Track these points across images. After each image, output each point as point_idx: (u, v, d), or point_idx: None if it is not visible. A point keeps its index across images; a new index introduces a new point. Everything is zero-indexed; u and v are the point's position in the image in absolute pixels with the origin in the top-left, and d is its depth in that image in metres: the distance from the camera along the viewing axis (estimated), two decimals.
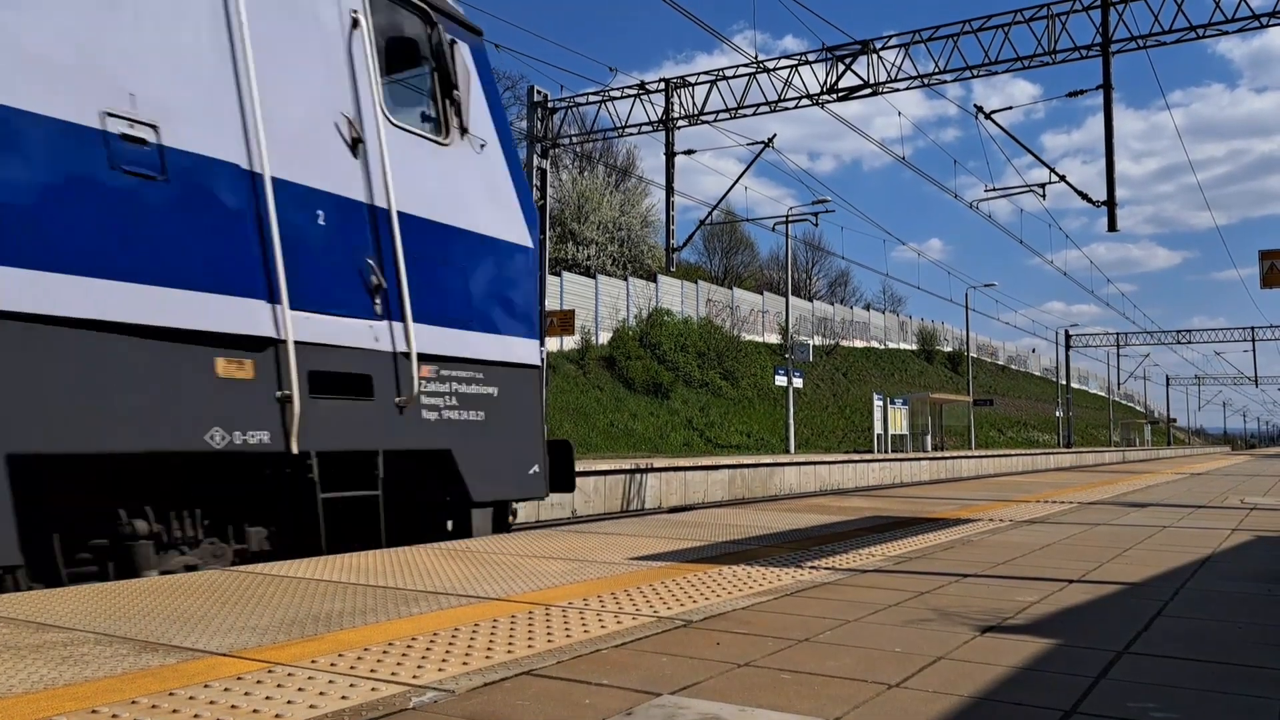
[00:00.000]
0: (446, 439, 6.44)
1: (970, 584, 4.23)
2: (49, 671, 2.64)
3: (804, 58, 20.97)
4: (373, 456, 5.97)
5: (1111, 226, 18.07)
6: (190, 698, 2.39)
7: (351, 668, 2.70)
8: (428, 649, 2.93)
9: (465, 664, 2.74)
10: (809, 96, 20.85)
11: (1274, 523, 7.00)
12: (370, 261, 5.90)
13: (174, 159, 4.87)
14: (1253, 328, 60.17)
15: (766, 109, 21.37)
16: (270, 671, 2.65)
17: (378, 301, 5.94)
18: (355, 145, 5.90)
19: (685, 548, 5.49)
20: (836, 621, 3.40)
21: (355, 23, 6.07)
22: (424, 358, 6.21)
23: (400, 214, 6.12)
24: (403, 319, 6.07)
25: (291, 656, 2.83)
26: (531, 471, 7.34)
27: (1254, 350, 62.95)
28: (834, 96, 20.57)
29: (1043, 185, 23.36)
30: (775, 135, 24.15)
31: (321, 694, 2.43)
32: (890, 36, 20.21)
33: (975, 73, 19.61)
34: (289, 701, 2.36)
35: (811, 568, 4.70)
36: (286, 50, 5.61)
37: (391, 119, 6.26)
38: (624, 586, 4.11)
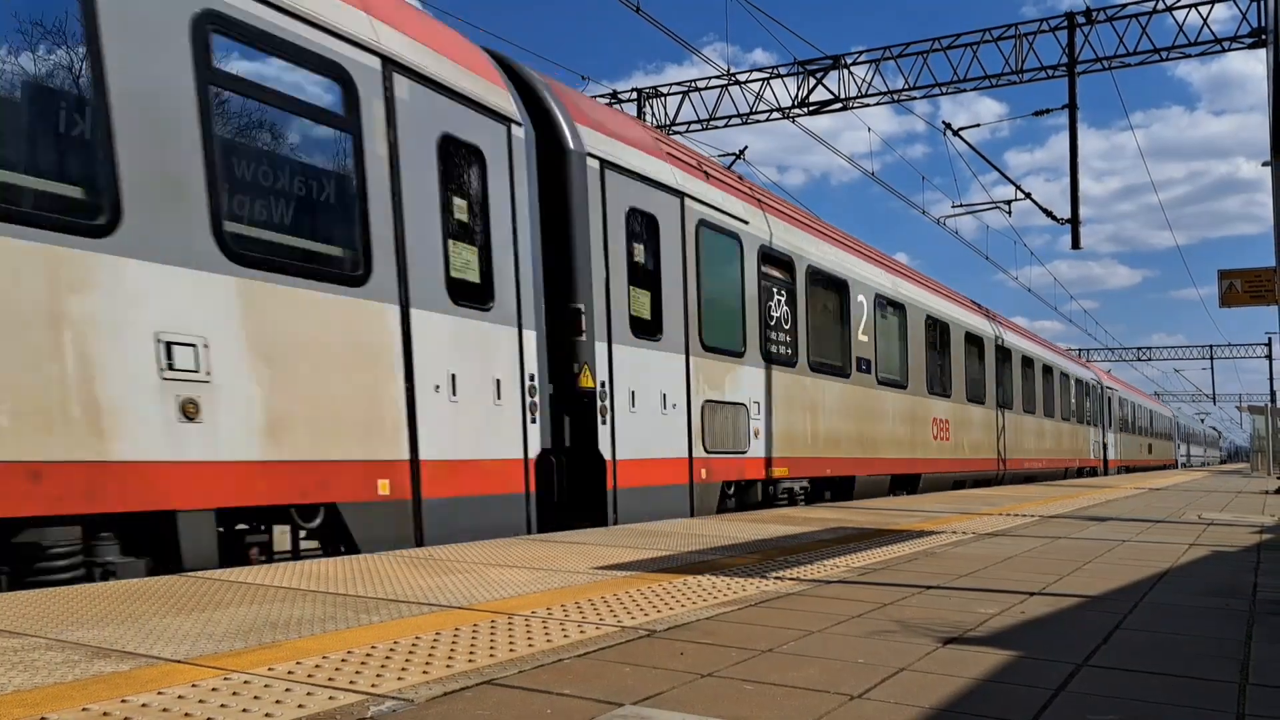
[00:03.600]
0: None
1: (933, 596, 4.25)
2: None
3: (775, 71, 21.14)
4: None
5: (1075, 244, 18.35)
6: (143, 705, 2.34)
7: (309, 676, 2.65)
8: (387, 657, 2.89)
9: (426, 673, 2.71)
10: (780, 109, 21.00)
11: (1229, 538, 7.11)
12: None
13: None
14: (1211, 346, 61.33)
15: (738, 121, 21.51)
16: (226, 679, 2.61)
17: None
18: None
19: (650, 557, 5.48)
20: (800, 632, 3.40)
21: None
22: None
23: None
24: None
25: (248, 664, 2.78)
26: None
27: (1212, 368, 64.10)
28: (805, 110, 20.74)
29: (1008, 202, 23.70)
30: (747, 147, 24.33)
31: (278, 702, 2.39)
32: (861, 52, 20.44)
33: (944, 90, 19.86)
34: (244, 710, 2.32)
35: (776, 578, 4.70)
36: None
37: None
38: (588, 596, 4.09)
